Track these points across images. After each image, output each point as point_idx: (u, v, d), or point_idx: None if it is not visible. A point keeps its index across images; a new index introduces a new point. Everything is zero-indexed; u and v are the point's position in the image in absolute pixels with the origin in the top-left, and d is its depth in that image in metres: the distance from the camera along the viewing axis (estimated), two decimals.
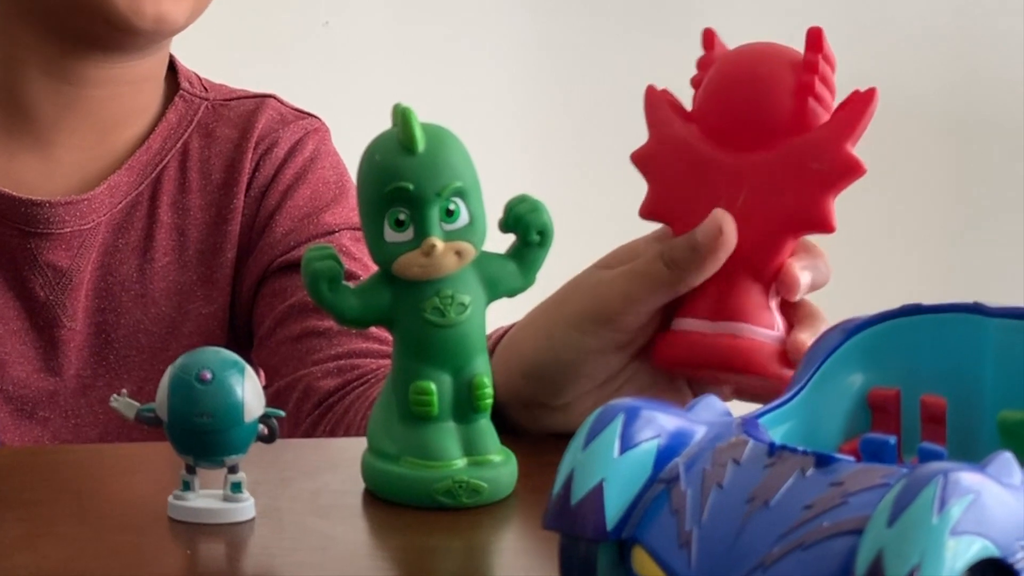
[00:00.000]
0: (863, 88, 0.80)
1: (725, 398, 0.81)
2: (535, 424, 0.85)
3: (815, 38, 0.81)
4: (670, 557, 0.54)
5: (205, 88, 1.16)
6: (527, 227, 0.75)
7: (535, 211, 0.75)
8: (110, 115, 1.11)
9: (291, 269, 1.10)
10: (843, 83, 0.81)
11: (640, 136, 0.84)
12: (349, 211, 1.13)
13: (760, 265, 0.80)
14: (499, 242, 0.76)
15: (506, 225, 0.76)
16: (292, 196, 1.12)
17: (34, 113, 1.09)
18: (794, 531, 0.52)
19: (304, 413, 1.04)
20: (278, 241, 1.11)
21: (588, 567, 0.56)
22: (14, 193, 1.07)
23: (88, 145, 1.10)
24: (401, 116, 0.72)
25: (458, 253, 0.73)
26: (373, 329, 1.03)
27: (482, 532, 0.72)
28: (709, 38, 0.84)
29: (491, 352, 0.85)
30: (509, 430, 0.83)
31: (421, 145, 0.72)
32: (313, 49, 2.37)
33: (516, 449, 0.77)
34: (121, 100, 1.11)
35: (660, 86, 0.84)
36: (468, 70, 2.41)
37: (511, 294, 0.76)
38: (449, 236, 0.73)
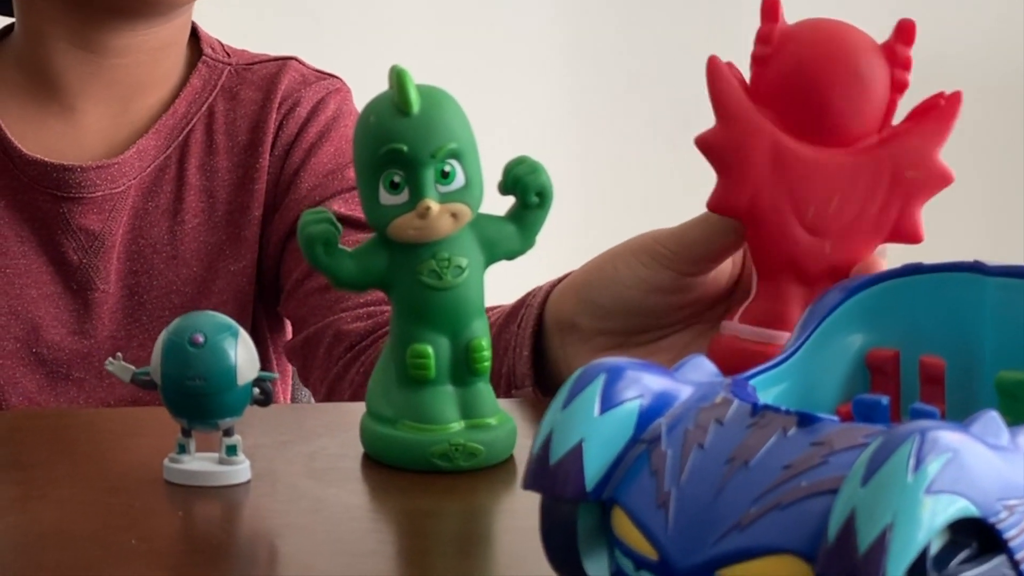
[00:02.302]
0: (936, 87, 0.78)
1: None
2: (567, 355, 0.86)
3: (908, 31, 0.77)
4: (647, 518, 0.53)
5: (228, 53, 1.18)
6: (526, 189, 0.75)
7: (534, 172, 0.75)
8: (134, 82, 1.13)
9: None
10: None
11: (685, 110, 0.81)
12: None
13: (845, 271, 0.77)
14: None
15: (505, 187, 0.75)
16: (316, 154, 1.14)
17: (61, 83, 1.11)
18: (772, 491, 0.52)
19: (335, 357, 1.05)
20: (304, 197, 1.12)
21: (568, 528, 0.56)
22: (45, 159, 1.09)
23: (114, 112, 1.13)
24: (396, 77, 0.72)
25: (454, 215, 0.72)
26: None
27: (479, 495, 0.72)
28: (772, 8, 0.78)
29: (552, 288, 0.89)
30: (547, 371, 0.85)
31: (416, 106, 0.72)
32: (351, 15, 2.37)
33: (515, 413, 0.77)
34: (144, 67, 1.13)
35: (697, 61, 0.80)
36: (507, 36, 2.40)
37: (510, 256, 0.76)
38: (444, 198, 0.72)
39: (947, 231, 2.46)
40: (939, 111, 0.77)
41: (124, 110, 1.13)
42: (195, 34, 1.18)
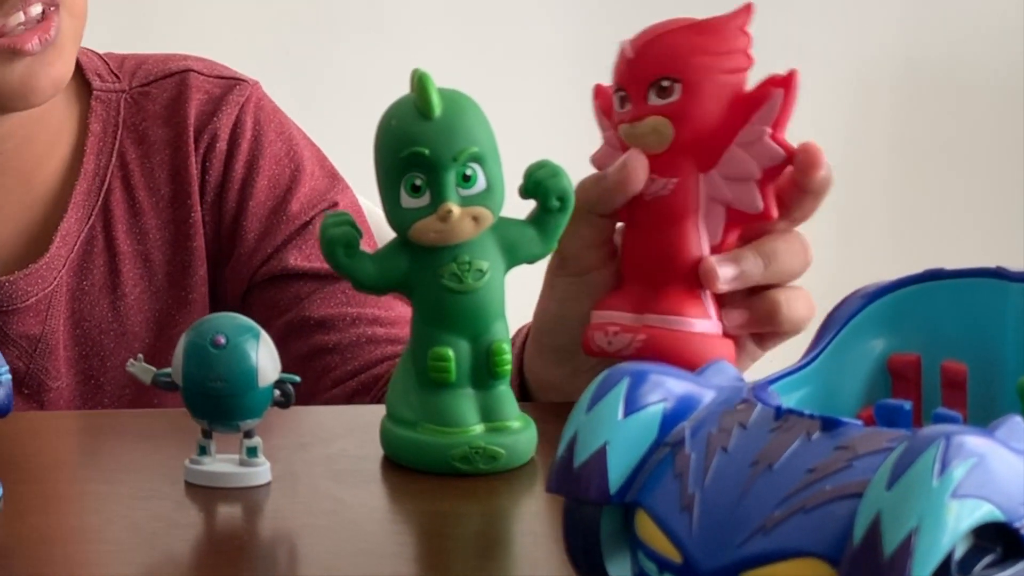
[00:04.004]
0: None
1: None
2: None
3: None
4: (671, 520, 0.53)
5: (116, 75, 1.09)
6: (547, 193, 0.75)
7: (555, 176, 0.75)
8: (29, 157, 1.04)
9: (277, 280, 1.05)
10: (910, 64, 0.78)
11: None
12: (311, 182, 1.07)
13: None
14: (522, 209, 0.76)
15: (526, 191, 0.75)
16: (251, 193, 1.06)
17: None
18: (796, 494, 0.52)
19: None
20: (254, 249, 1.06)
21: (591, 530, 0.56)
22: None
23: (19, 195, 1.04)
24: (418, 81, 0.72)
25: (475, 219, 0.73)
26: (382, 314, 1.03)
27: (499, 498, 0.72)
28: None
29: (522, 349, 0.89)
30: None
31: (438, 110, 0.72)
32: (361, 20, 2.37)
33: (537, 416, 0.77)
34: (33, 141, 1.04)
35: None
36: (519, 42, 2.40)
37: (531, 260, 0.76)
38: (466, 201, 0.72)
39: (947, 233, 2.46)
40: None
41: (29, 188, 1.04)
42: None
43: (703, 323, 0.79)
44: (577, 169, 0.80)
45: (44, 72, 0.98)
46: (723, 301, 0.81)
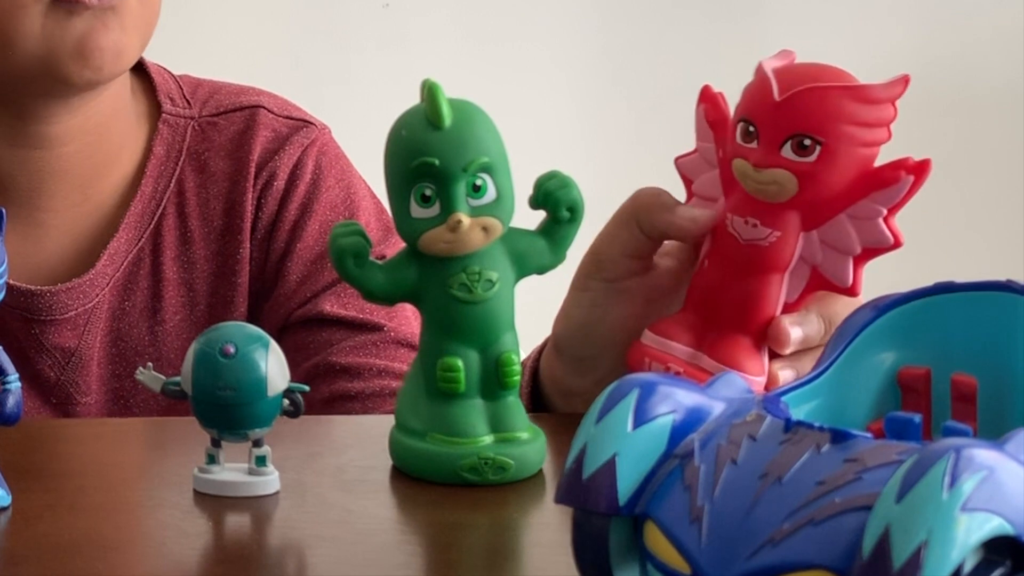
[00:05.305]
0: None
1: None
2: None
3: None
4: (681, 532, 0.53)
5: (188, 100, 1.08)
6: (557, 203, 0.75)
7: (565, 187, 0.75)
8: (88, 167, 1.04)
9: (310, 323, 1.05)
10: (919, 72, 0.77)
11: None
12: None
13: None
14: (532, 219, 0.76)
15: (536, 201, 0.75)
16: (301, 236, 1.06)
17: (10, 186, 1.03)
18: (805, 507, 0.52)
19: None
20: (294, 291, 1.05)
21: (600, 542, 0.56)
22: (12, 282, 1.00)
23: (74, 203, 1.04)
24: (428, 91, 0.72)
25: (485, 229, 0.73)
26: (401, 366, 1.02)
27: (508, 508, 0.72)
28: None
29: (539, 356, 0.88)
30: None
31: (448, 120, 0.72)
32: (372, 32, 2.37)
33: (547, 427, 0.77)
34: (94, 147, 1.04)
35: (719, 75, 0.81)
36: (528, 53, 2.40)
37: (541, 271, 0.76)
38: (476, 212, 0.72)
39: (956, 244, 2.46)
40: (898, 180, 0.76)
41: (85, 198, 1.04)
42: (149, 76, 1.07)
43: (759, 380, 0.78)
44: (586, 179, 0.80)
45: (103, 35, 0.97)
46: (771, 356, 0.79)
